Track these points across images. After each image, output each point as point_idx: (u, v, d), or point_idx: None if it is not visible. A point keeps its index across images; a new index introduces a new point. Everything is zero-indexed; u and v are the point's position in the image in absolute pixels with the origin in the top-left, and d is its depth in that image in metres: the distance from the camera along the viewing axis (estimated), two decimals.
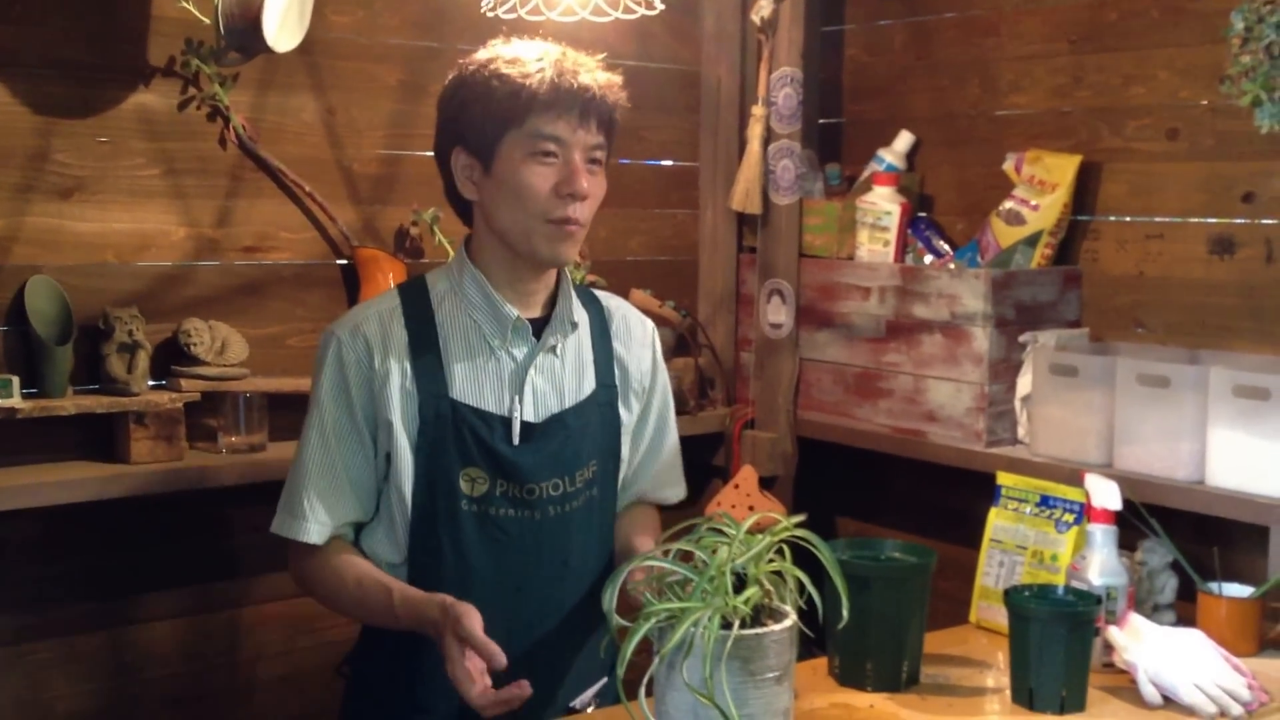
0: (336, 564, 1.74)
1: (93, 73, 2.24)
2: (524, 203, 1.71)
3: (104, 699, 2.32)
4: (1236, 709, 1.81)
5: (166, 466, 2.20)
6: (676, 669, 1.36)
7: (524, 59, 1.71)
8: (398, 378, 1.72)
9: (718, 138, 2.96)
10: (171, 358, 2.30)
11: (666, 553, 1.45)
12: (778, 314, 2.86)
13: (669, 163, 2.99)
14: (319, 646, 2.51)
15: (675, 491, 2.01)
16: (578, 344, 1.83)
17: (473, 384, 1.75)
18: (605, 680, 1.86)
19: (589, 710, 1.82)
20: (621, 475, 1.90)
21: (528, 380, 1.77)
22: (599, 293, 1.95)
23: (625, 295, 2.83)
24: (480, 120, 1.71)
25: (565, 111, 1.69)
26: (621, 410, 1.87)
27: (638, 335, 1.92)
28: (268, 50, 2.26)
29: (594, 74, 1.73)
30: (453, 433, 1.72)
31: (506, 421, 1.75)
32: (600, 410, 1.84)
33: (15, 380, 2.08)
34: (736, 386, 2.98)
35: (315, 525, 1.73)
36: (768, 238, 2.87)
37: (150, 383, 2.24)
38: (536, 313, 1.81)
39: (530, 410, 1.77)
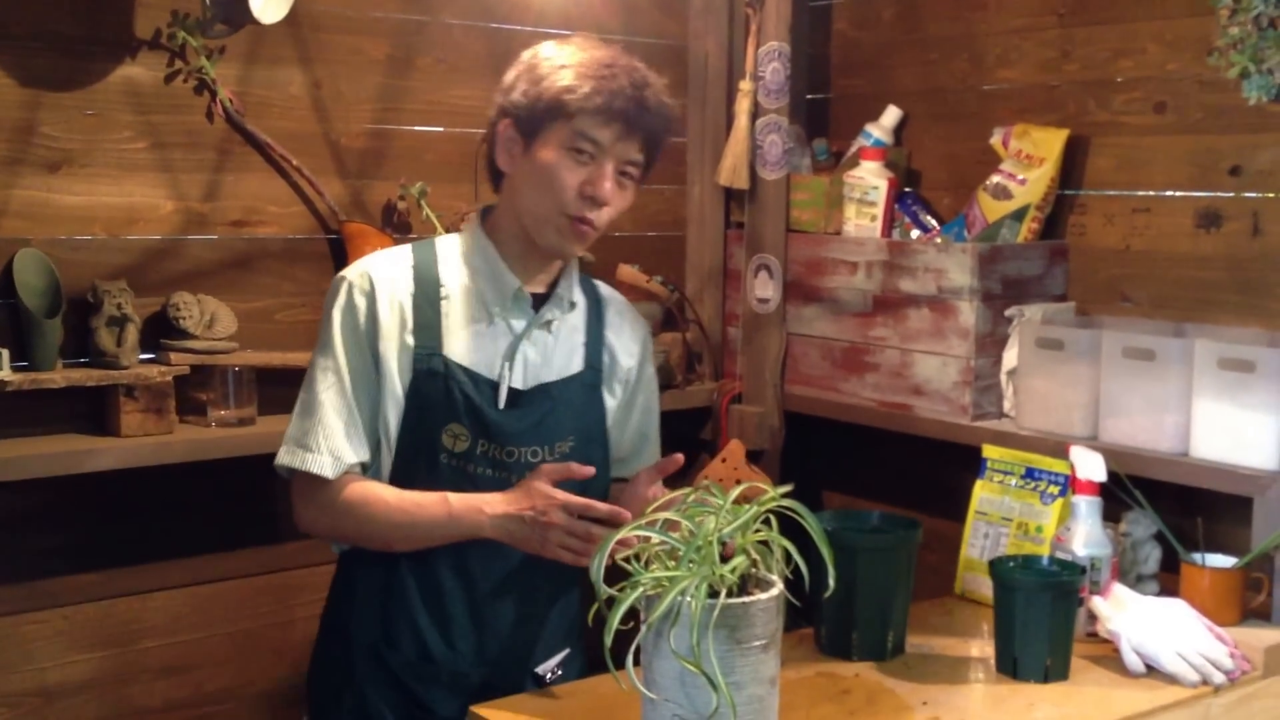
0: (362, 490, 1.77)
1: (79, 45, 2.23)
2: (549, 191, 1.76)
3: (97, 670, 2.33)
4: (1219, 677, 1.83)
5: (156, 440, 2.20)
6: (664, 637, 1.38)
7: (597, 61, 1.76)
8: (397, 327, 1.77)
9: (705, 113, 2.96)
10: (160, 331, 2.30)
11: (654, 523, 1.45)
12: (765, 289, 2.86)
13: None
14: (311, 618, 2.51)
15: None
16: (572, 324, 1.88)
17: (467, 346, 1.79)
18: (568, 651, 1.89)
19: (549, 678, 1.85)
20: (610, 458, 1.94)
21: (520, 349, 1.81)
22: (600, 284, 1.99)
23: (613, 270, 2.84)
24: (535, 101, 1.76)
25: (613, 120, 1.74)
26: (605, 394, 1.91)
27: (630, 331, 1.97)
28: (254, 22, 2.25)
29: (654, 95, 1.78)
30: (442, 389, 1.77)
31: (494, 385, 1.79)
32: (584, 390, 1.88)
33: (4, 353, 2.08)
34: (724, 361, 2.99)
35: (329, 459, 1.76)
36: (755, 213, 2.87)
37: (139, 356, 2.24)
38: (539, 289, 1.86)
39: (519, 378, 1.81)
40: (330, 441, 1.76)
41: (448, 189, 2.61)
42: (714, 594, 1.38)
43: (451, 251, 1.85)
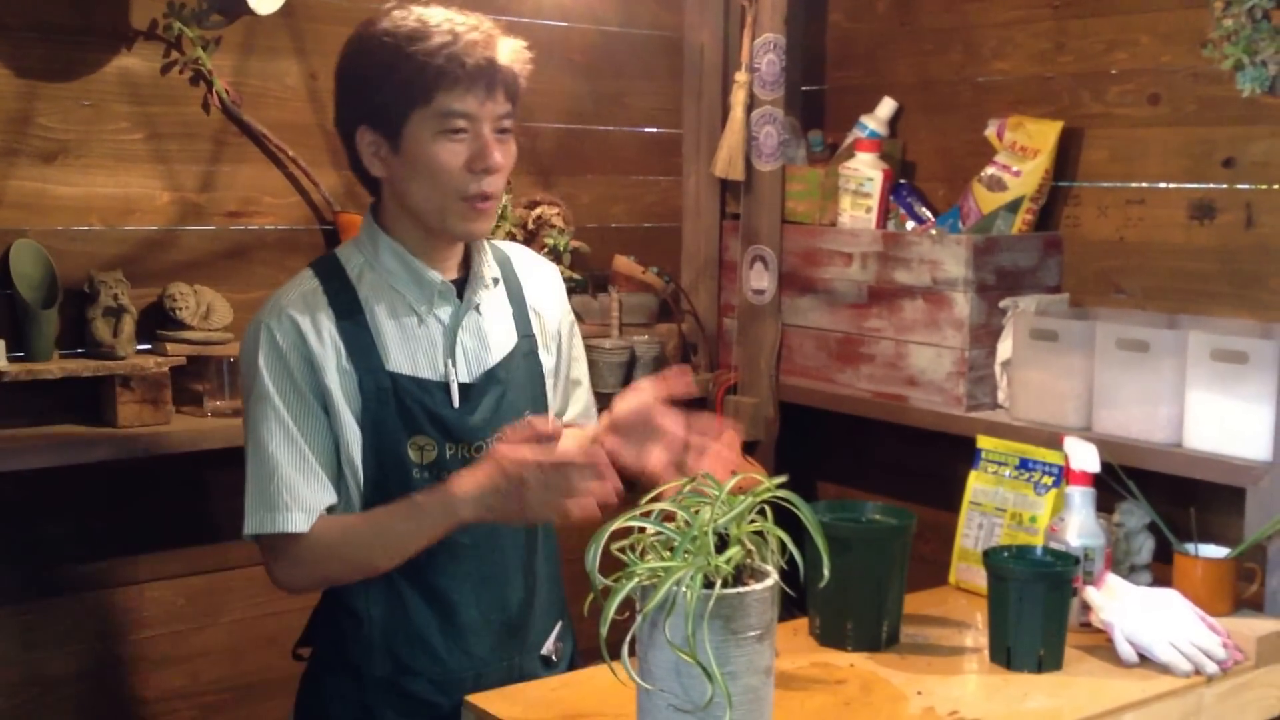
0: (334, 526, 1.69)
1: (75, 36, 2.23)
2: (437, 181, 1.69)
3: (94, 660, 2.34)
4: (1211, 667, 1.84)
5: (153, 430, 2.20)
6: (659, 627, 1.38)
7: (426, 31, 1.66)
8: (333, 357, 1.70)
9: (701, 104, 2.96)
10: (157, 322, 2.30)
11: (649, 513, 1.46)
12: (760, 280, 2.87)
13: (652, 129, 2.99)
14: (304, 609, 2.52)
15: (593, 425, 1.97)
16: (498, 298, 1.83)
17: (406, 353, 1.73)
18: (561, 623, 1.88)
19: (555, 656, 1.85)
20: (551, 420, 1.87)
21: (457, 341, 1.76)
22: (499, 244, 1.93)
23: (609, 261, 2.85)
24: (385, 99, 1.67)
25: (472, 86, 1.66)
26: (543, 356, 1.87)
27: (545, 279, 1.92)
28: (249, 12, 2.26)
29: (499, 42, 1.70)
30: (395, 405, 1.71)
31: (444, 385, 1.74)
32: (525, 360, 1.83)
33: (1, 344, 2.09)
34: (719, 352, 2.99)
35: (300, 513, 1.67)
36: (750, 204, 2.88)
37: (136, 347, 2.24)
38: (453, 274, 1.80)
39: (464, 370, 1.76)
40: (295, 495, 1.67)
41: None
42: (709, 584, 1.38)
43: (356, 262, 1.76)
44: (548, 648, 1.86)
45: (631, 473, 1.74)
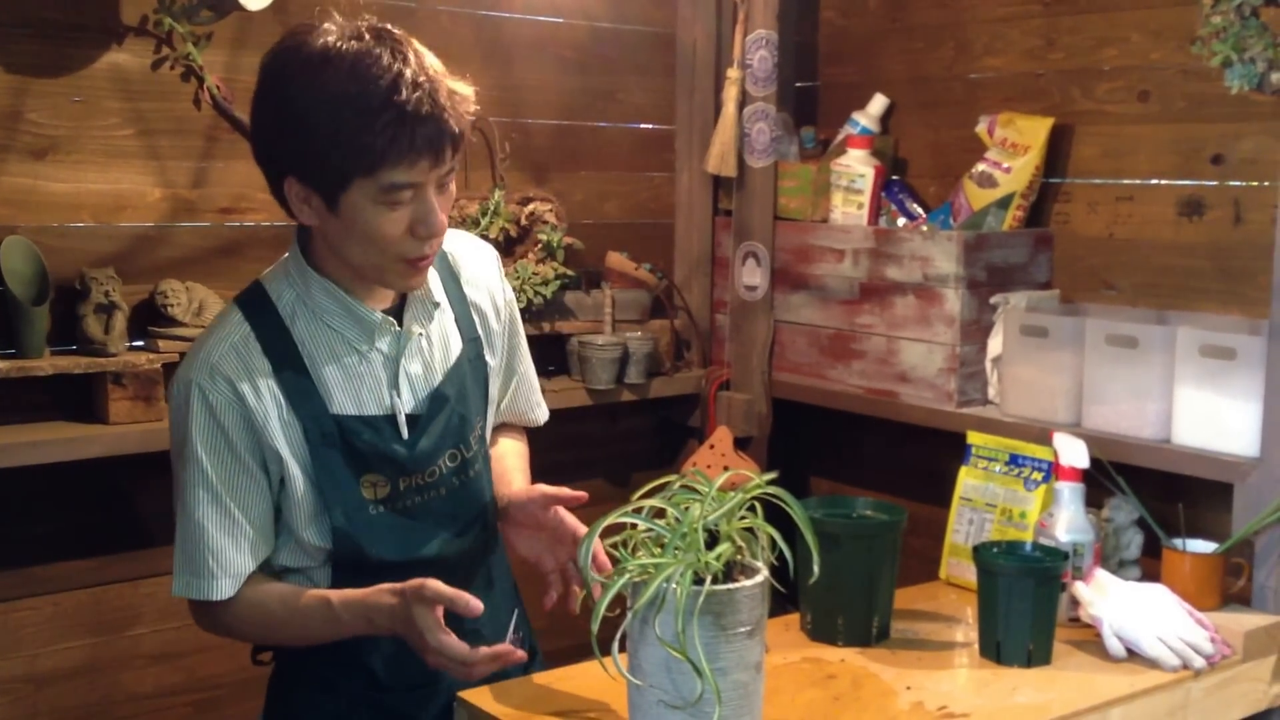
0: (256, 598, 1.63)
1: (65, 31, 2.23)
2: (376, 246, 1.56)
3: (88, 657, 2.34)
4: (1199, 662, 1.85)
5: (145, 427, 2.20)
6: (649, 624, 1.38)
7: (371, 95, 1.48)
8: (274, 409, 1.60)
9: (693, 100, 2.97)
10: (149, 319, 2.30)
11: (639, 510, 1.47)
12: (753, 276, 2.87)
13: (645, 125, 3.00)
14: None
15: (541, 411, 1.95)
16: (440, 313, 1.74)
17: (349, 393, 1.64)
18: (517, 612, 1.80)
19: (513, 644, 1.82)
20: (491, 413, 1.83)
21: (401, 371, 1.67)
22: None
23: (601, 258, 2.85)
24: (318, 164, 1.52)
25: (420, 157, 1.51)
26: (488, 357, 1.79)
27: (484, 269, 1.81)
28: (240, 8, 2.25)
29: (447, 98, 1.52)
30: (343, 447, 1.63)
31: (391, 419, 1.65)
32: (471, 366, 1.75)
33: None
34: (712, 348, 3.00)
35: (227, 581, 1.61)
36: (743, 200, 2.88)
37: (127, 344, 2.24)
38: (390, 302, 1.68)
39: (409, 400, 1.67)
40: (222, 562, 1.60)
41: None
42: (699, 581, 1.39)
43: (288, 298, 1.64)
44: (509, 639, 1.81)
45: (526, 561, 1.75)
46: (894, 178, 2.81)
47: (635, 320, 2.84)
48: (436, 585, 1.51)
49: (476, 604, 1.50)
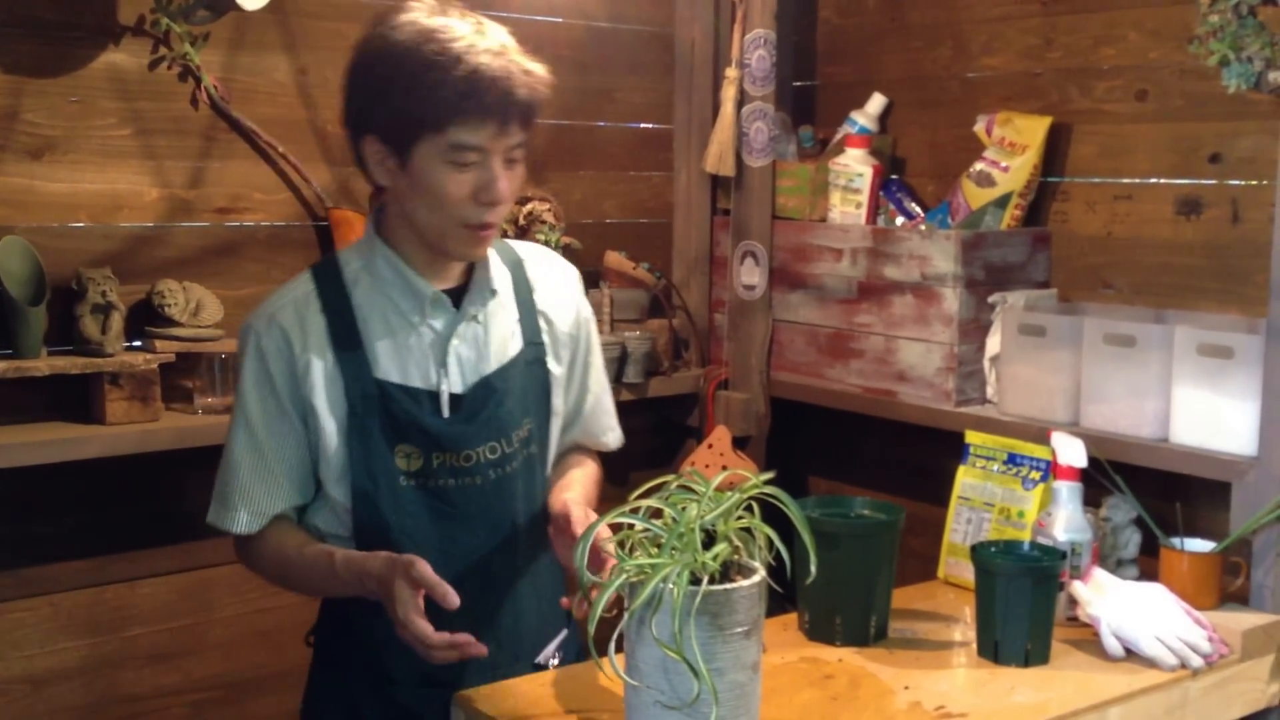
0: (278, 542, 1.74)
1: (62, 31, 2.23)
2: (440, 207, 1.65)
3: (85, 657, 2.34)
4: (1197, 661, 1.85)
5: (142, 427, 2.20)
6: (646, 624, 1.38)
7: (445, 55, 1.60)
8: (320, 364, 1.69)
9: (692, 100, 2.96)
10: (146, 319, 2.30)
11: (636, 510, 1.46)
12: (751, 275, 2.87)
13: (643, 125, 2.99)
14: (298, 604, 2.52)
15: (612, 436, 1.98)
16: (501, 305, 1.79)
17: (396, 361, 1.72)
18: (565, 632, 1.88)
19: (553, 664, 1.85)
20: (557, 429, 1.87)
21: (451, 350, 1.73)
22: (515, 244, 1.89)
23: (600, 257, 2.85)
24: (394, 119, 1.63)
25: (486, 120, 1.61)
26: (551, 364, 1.83)
27: (560, 283, 1.88)
28: (236, 8, 2.25)
29: (518, 72, 1.63)
30: (381, 412, 1.70)
31: (434, 395, 1.72)
32: (529, 368, 1.80)
33: None
34: (710, 347, 3.00)
35: (247, 515, 1.72)
36: (741, 200, 2.88)
37: (125, 344, 2.24)
38: (453, 283, 1.76)
39: (457, 380, 1.74)
40: (246, 497, 1.72)
41: None
42: (696, 581, 1.39)
43: (355, 267, 1.75)
44: (544, 655, 1.84)
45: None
46: (892, 177, 2.81)
47: (633, 320, 2.84)
48: (425, 568, 1.55)
49: (454, 598, 1.54)
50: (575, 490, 1.81)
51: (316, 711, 1.85)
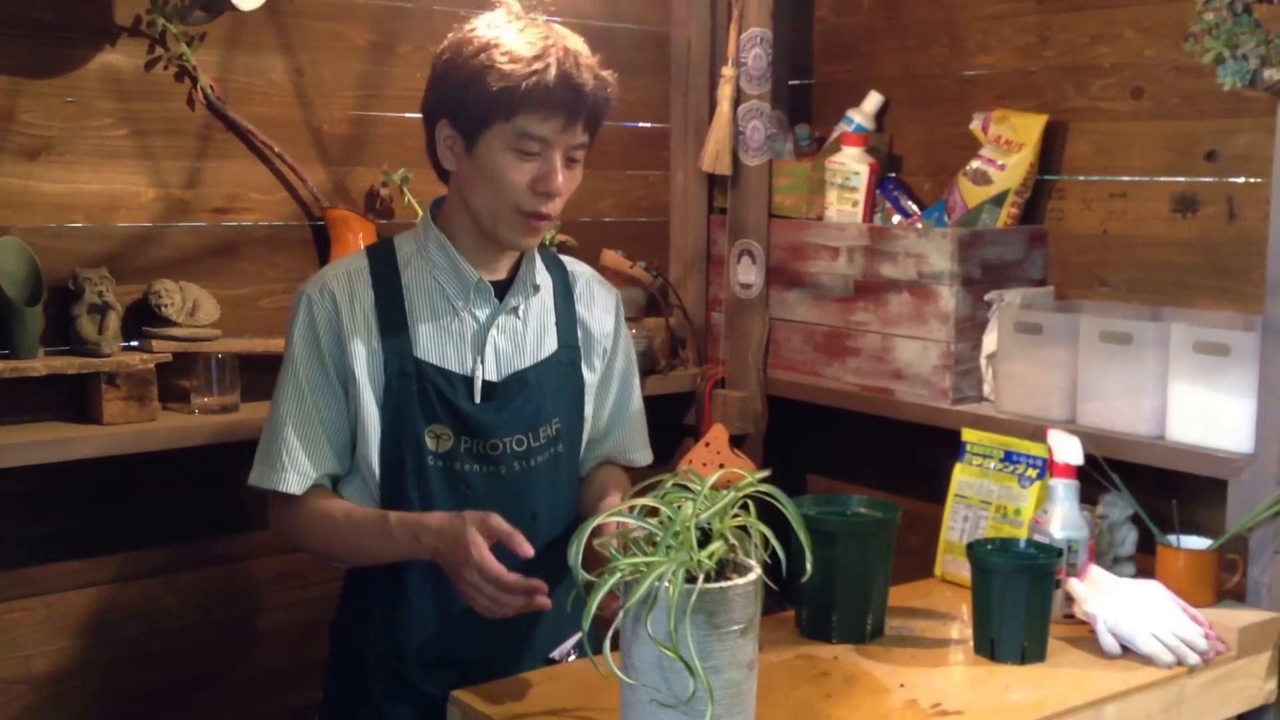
0: (323, 506, 1.78)
1: (58, 32, 2.23)
2: (499, 191, 1.74)
3: (81, 657, 2.34)
4: (1193, 658, 1.86)
5: (139, 427, 2.20)
6: (641, 622, 1.38)
7: (523, 52, 1.70)
8: (364, 336, 1.77)
9: (688, 99, 2.96)
10: (142, 319, 2.30)
11: (632, 508, 1.47)
12: (748, 274, 2.87)
13: (640, 124, 2.99)
14: (295, 604, 2.54)
15: (642, 455, 2.04)
16: (541, 305, 1.87)
17: (436, 344, 1.79)
18: (582, 633, 1.87)
19: (569, 660, 1.85)
20: (586, 434, 1.94)
21: (489, 340, 1.81)
22: (565, 258, 1.98)
23: (597, 256, 2.85)
24: (469, 104, 1.72)
25: (554, 114, 1.70)
26: (584, 370, 1.91)
27: (601, 300, 1.96)
28: (232, 8, 2.25)
29: (590, 76, 1.73)
30: (417, 390, 1.77)
31: (468, 380, 1.79)
32: (562, 369, 1.87)
33: None
34: (707, 346, 3.00)
35: (295, 475, 1.77)
36: (738, 198, 2.88)
37: (121, 344, 2.24)
38: (500, 275, 1.84)
39: (492, 369, 1.80)
40: (293, 458, 1.77)
41: (430, 175, 2.55)
42: (692, 579, 1.39)
43: (408, 250, 1.83)
44: (559, 652, 1.86)
45: None
46: (889, 175, 2.81)
47: (630, 318, 2.84)
48: (499, 519, 1.63)
49: (528, 547, 1.62)
50: (612, 495, 1.86)
51: (331, 695, 1.89)
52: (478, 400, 1.79)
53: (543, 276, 1.89)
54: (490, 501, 1.78)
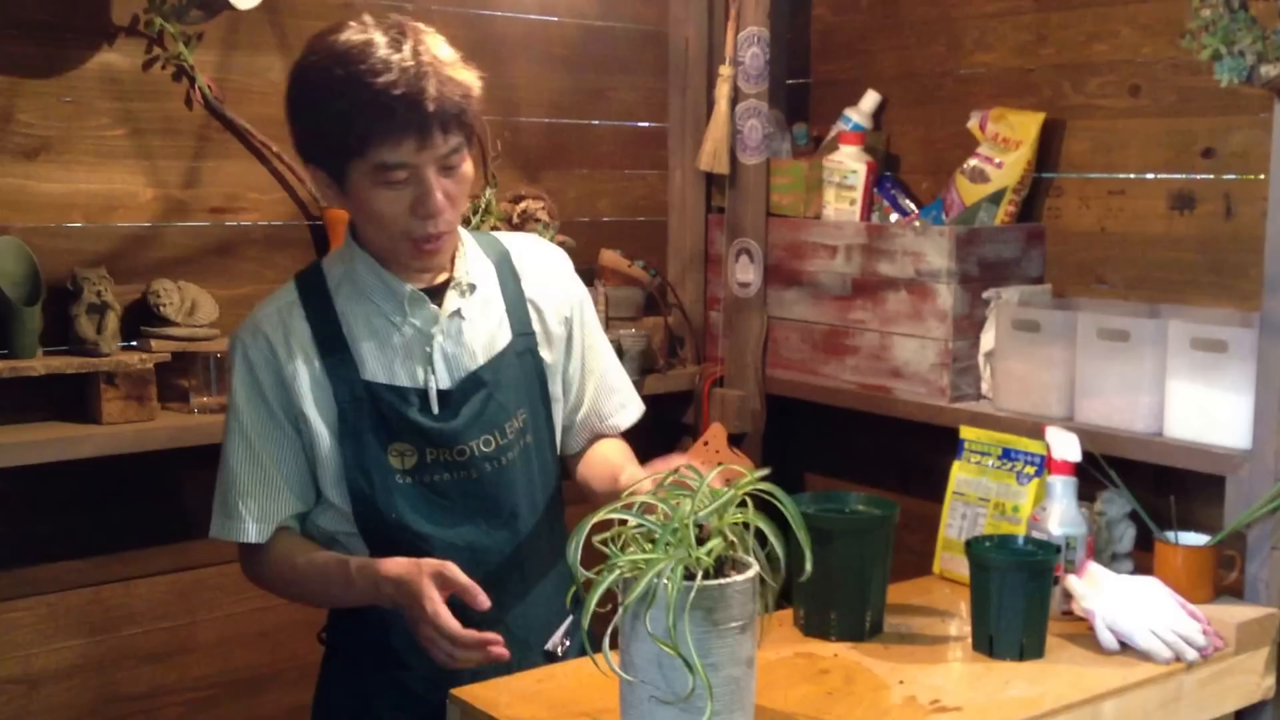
0: (284, 554, 1.74)
1: (56, 32, 2.23)
2: (382, 225, 1.67)
3: (82, 657, 2.34)
4: (1191, 654, 1.86)
5: (138, 427, 2.20)
6: (640, 619, 1.39)
7: (354, 78, 1.58)
8: (306, 370, 1.71)
9: (686, 98, 2.97)
10: (141, 319, 2.30)
11: (630, 505, 1.47)
12: (746, 273, 2.88)
13: (638, 123, 3.00)
14: (295, 604, 2.53)
15: (628, 413, 1.98)
16: (484, 300, 1.80)
17: (382, 363, 1.73)
18: (571, 618, 1.87)
19: (561, 650, 1.85)
20: (560, 415, 1.89)
21: (435, 347, 1.74)
22: (503, 235, 1.90)
23: (595, 255, 2.85)
24: (321, 145, 1.65)
25: (405, 137, 1.60)
26: (544, 353, 1.84)
27: (548, 268, 1.88)
28: (229, 8, 2.25)
29: (434, 84, 1.60)
30: (371, 413, 1.71)
31: (422, 393, 1.73)
32: (519, 359, 1.81)
33: None
34: (706, 345, 3.00)
35: (253, 525, 1.73)
36: (735, 198, 2.88)
37: (120, 344, 2.24)
38: (436, 280, 1.77)
39: (444, 377, 1.75)
40: (250, 508, 1.72)
41: None
42: (690, 576, 1.39)
43: (336, 272, 1.76)
44: (552, 643, 1.85)
45: None
46: (886, 174, 2.81)
47: (629, 317, 2.84)
48: (456, 570, 1.58)
49: (484, 600, 1.56)
50: (630, 469, 1.81)
51: (328, 706, 1.87)
52: (435, 411, 1.73)
53: (481, 266, 1.81)
54: (468, 506, 1.76)
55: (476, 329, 1.78)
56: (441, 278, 1.77)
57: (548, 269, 1.89)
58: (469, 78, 1.66)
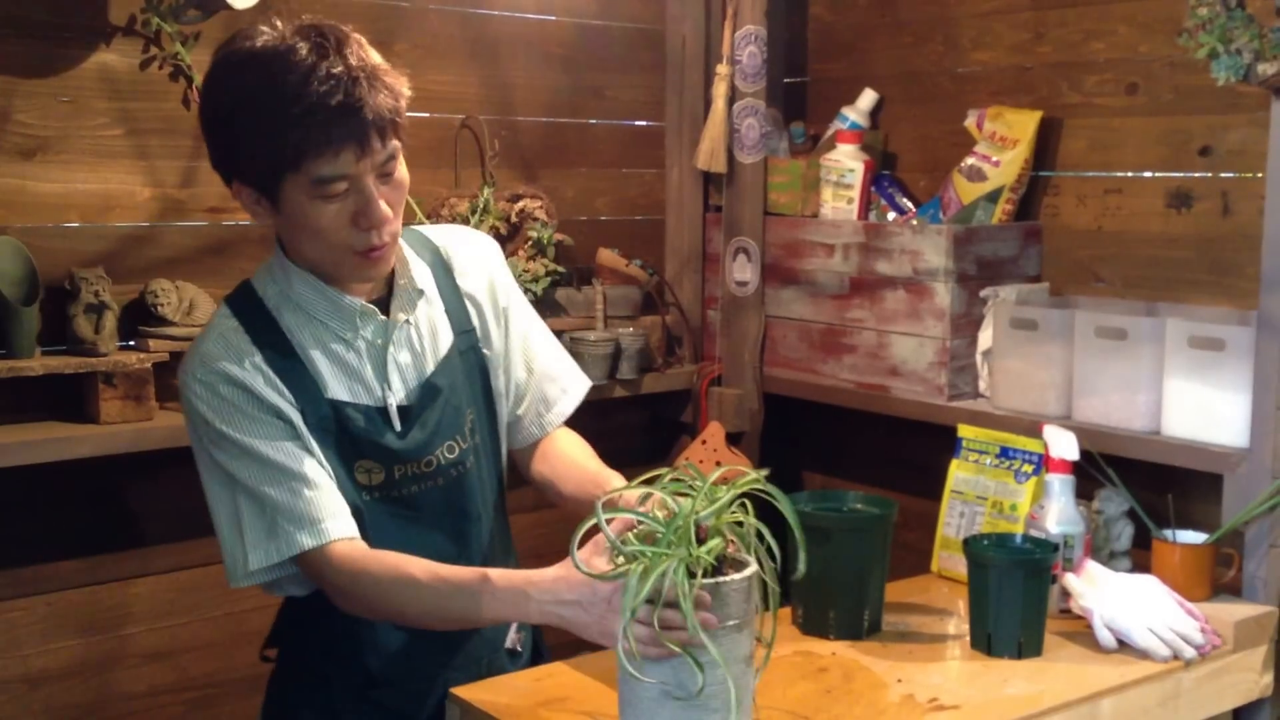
0: (391, 564, 1.59)
1: (53, 32, 2.22)
2: (323, 240, 1.58)
3: (81, 656, 2.34)
4: (1189, 652, 1.86)
5: (136, 426, 2.20)
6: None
7: (283, 92, 1.49)
8: (273, 391, 1.61)
9: (683, 97, 2.97)
10: (139, 318, 2.30)
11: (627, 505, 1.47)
12: (743, 272, 2.88)
13: (634, 122, 3.00)
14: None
15: (570, 399, 1.89)
16: (428, 303, 1.74)
17: (342, 381, 1.65)
18: None
19: (519, 649, 1.84)
20: (505, 411, 1.83)
21: (389, 360, 1.68)
22: (429, 230, 1.83)
23: (593, 254, 2.85)
24: (249, 165, 1.56)
25: (342, 148, 1.52)
26: (485, 349, 1.79)
27: (478, 258, 1.82)
28: (227, 7, 2.25)
29: (367, 89, 1.52)
30: (336, 432, 1.64)
31: (383, 410, 1.67)
32: (463, 358, 1.76)
33: None
34: (703, 344, 3.00)
35: (330, 522, 1.58)
36: (733, 196, 2.89)
37: (118, 343, 2.24)
38: (378, 292, 1.70)
39: (400, 390, 1.69)
40: (319, 505, 1.59)
41: (426, 175, 2.62)
42: (691, 575, 1.39)
43: (272, 292, 1.66)
44: (510, 640, 1.82)
45: None
46: (883, 172, 2.82)
47: (627, 316, 2.85)
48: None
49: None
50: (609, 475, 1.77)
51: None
52: (398, 428, 1.67)
53: (420, 272, 1.73)
54: (434, 516, 1.71)
55: (424, 333, 1.72)
56: (383, 289, 1.70)
57: (478, 259, 1.82)
58: (398, 80, 1.59)
